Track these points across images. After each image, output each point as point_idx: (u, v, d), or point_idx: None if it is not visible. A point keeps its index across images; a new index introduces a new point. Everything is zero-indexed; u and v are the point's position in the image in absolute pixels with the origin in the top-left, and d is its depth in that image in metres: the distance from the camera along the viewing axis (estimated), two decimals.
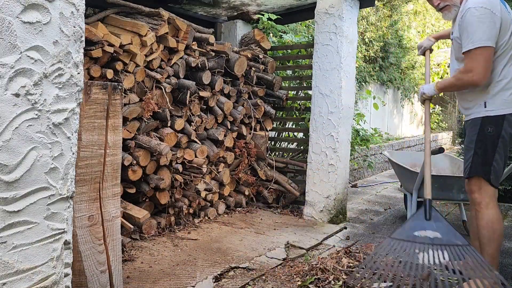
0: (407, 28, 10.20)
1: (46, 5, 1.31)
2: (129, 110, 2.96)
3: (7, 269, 1.28)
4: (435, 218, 2.16)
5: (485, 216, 2.22)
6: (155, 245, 2.97)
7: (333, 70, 3.70)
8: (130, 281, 2.36)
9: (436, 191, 3.37)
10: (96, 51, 2.74)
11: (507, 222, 4.06)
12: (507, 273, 2.70)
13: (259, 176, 4.17)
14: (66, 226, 1.45)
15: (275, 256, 2.83)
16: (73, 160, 1.45)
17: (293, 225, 3.64)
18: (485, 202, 2.25)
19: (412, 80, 10.27)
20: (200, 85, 3.55)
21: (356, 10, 3.81)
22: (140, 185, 3.11)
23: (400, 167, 3.71)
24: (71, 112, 1.43)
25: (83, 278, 1.87)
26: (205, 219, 3.66)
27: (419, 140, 9.80)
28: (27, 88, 1.28)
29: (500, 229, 2.23)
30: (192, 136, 3.42)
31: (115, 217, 2.01)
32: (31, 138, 1.31)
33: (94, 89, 1.86)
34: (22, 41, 1.26)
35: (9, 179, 1.26)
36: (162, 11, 3.24)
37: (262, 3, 4.17)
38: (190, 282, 2.37)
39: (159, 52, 3.19)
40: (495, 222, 2.21)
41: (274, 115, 4.28)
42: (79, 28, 1.43)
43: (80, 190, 1.85)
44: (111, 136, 1.96)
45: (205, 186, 3.60)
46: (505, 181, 4.70)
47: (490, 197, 2.26)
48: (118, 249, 2.02)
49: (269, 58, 4.27)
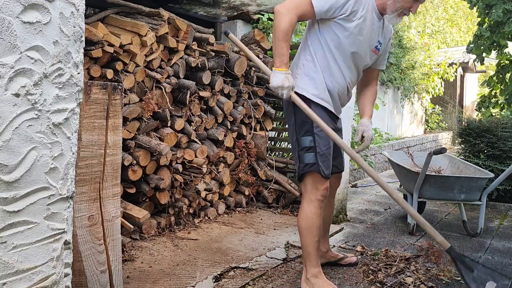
0: (407, 28, 10.20)
1: (46, 5, 1.31)
2: (129, 110, 2.96)
3: (7, 269, 1.28)
4: (475, 266, 2.03)
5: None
6: (155, 245, 2.97)
7: None
8: (130, 281, 2.36)
9: (436, 191, 3.37)
10: (96, 51, 2.74)
11: (507, 222, 4.06)
12: (508, 273, 2.70)
13: (259, 176, 4.17)
14: (66, 226, 1.45)
15: (275, 256, 2.83)
16: (73, 160, 1.45)
17: (293, 225, 3.64)
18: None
19: (412, 80, 10.27)
20: (200, 85, 3.55)
21: None
22: (140, 185, 3.11)
23: (400, 167, 3.71)
24: (71, 112, 1.43)
25: (83, 278, 1.86)
26: (205, 219, 3.66)
27: (419, 140, 9.80)
28: (27, 88, 1.28)
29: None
30: (192, 136, 3.42)
31: (115, 217, 2.01)
32: (31, 138, 1.31)
33: (94, 89, 1.86)
34: (22, 41, 1.26)
35: (9, 179, 1.26)
36: (162, 11, 3.24)
37: (262, 3, 4.17)
38: (190, 282, 2.37)
39: (159, 52, 3.19)
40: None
41: (274, 115, 4.28)
42: (79, 28, 1.43)
43: (80, 190, 1.85)
44: (111, 136, 1.96)
45: (205, 186, 3.60)
46: (505, 181, 4.70)
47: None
48: (118, 249, 2.02)
49: (269, 58, 4.26)
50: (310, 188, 2.28)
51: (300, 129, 2.27)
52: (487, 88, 6.45)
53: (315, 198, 2.27)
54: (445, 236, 3.49)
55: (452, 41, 15.72)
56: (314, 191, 2.27)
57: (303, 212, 2.29)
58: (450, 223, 3.95)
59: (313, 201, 2.27)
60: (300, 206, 2.33)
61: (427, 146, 10.23)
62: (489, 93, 6.38)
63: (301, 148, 2.27)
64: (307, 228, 2.27)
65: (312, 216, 2.26)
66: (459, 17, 15.94)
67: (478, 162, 4.78)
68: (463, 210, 3.68)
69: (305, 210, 2.28)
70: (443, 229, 3.72)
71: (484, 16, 5.26)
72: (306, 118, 2.22)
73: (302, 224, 2.29)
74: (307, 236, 2.27)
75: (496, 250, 3.16)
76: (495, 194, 4.81)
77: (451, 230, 3.70)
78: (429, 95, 11.42)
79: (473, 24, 14.99)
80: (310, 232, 2.26)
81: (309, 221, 2.26)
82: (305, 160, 2.26)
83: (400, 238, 3.38)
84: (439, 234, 2.05)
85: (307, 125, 2.24)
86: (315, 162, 2.24)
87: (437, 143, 11.02)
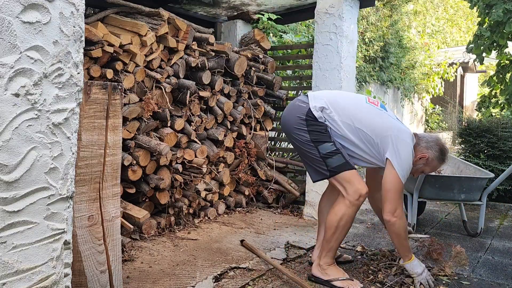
0: (407, 28, 10.20)
1: (46, 5, 1.31)
2: (129, 110, 2.96)
3: (7, 269, 1.28)
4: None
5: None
6: (155, 245, 2.97)
7: (333, 70, 3.69)
8: (130, 281, 2.36)
9: (437, 191, 3.37)
10: (96, 51, 2.74)
11: (507, 222, 4.06)
12: (508, 273, 2.70)
13: (259, 176, 4.17)
14: (66, 226, 1.45)
15: (275, 256, 2.83)
16: (73, 160, 1.45)
17: (293, 225, 3.64)
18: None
19: (412, 80, 10.27)
20: (200, 85, 3.55)
21: (356, 10, 3.81)
22: (140, 185, 3.11)
23: None
24: (71, 112, 1.42)
25: (83, 278, 1.86)
26: (205, 219, 3.66)
27: None
28: (27, 88, 1.28)
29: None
30: (192, 136, 3.42)
31: (115, 217, 2.01)
32: (31, 138, 1.31)
33: (94, 89, 1.86)
34: (22, 41, 1.26)
35: (9, 179, 1.26)
36: (162, 11, 3.23)
37: (262, 3, 4.16)
38: (190, 282, 2.37)
39: (159, 52, 3.19)
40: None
41: (274, 115, 4.28)
42: (79, 28, 1.43)
43: (80, 190, 1.85)
44: (111, 136, 1.96)
45: (205, 186, 3.60)
46: (505, 181, 4.70)
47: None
48: (118, 249, 2.02)
49: (269, 58, 4.27)
50: (352, 191, 2.37)
51: (317, 139, 2.39)
52: (487, 88, 6.45)
53: (356, 203, 2.38)
54: (445, 236, 3.49)
55: (452, 41, 15.71)
56: (355, 194, 2.37)
57: (341, 212, 2.39)
58: (450, 223, 3.95)
59: (353, 205, 2.38)
60: (338, 205, 2.42)
61: None
62: (489, 93, 6.38)
63: (324, 154, 2.38)
64: (340, 227, 2.40)
65: (348, 219, 2.40)
66: (459, 17, 15.93)
67: (478, 162, 4.78)
68: (463, 210, 3.67)
69: (344, 211, 2.38)
70: (443, 229, 3.72)
71: (484, 16, 5.26)
72: (322, 131, 2.39)
73: (337, 221, 2.40)
74: (338, 234, 2.42)
75: (496, 250, 3.16)
76: (495, 194, 4.81)
77: (451, 230, 3.70)
78: (429, 95, 11.43)
79: (473, 24, 14.99)
80: (342, 231, 2.41)
81: (345, 221, 2.39)
82: (333, 164, 2.37)
83: None
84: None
85: (325, 136, 2.39)
86: (344, 161, 2.37)
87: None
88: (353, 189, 2.36)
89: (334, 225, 2.40)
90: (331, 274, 2.42)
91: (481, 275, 2.66)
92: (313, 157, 2.42)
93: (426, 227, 3.77)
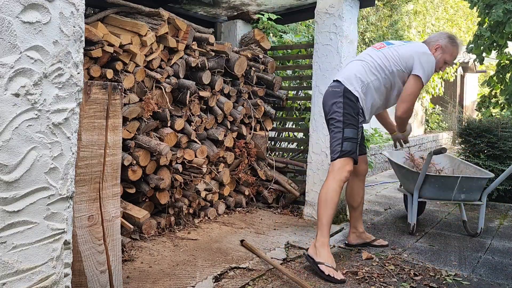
0: (407, 28, 10.20)
1: (46, 5, 1.31)
2: (129, 110, 2.96)
3: (7, 269, 1.28)
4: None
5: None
6: (155, 245, 2.97)
7: (333, 70, 3.69)
8: (130, 281, 2.36)
9: (436, 191, 3.37)
10: (96, 51, 2.74)
11: (507, 222, 4.06)
12: (508, 273, 2.70)
13: (259, 176, 4.17)
14: (66, 226, 1.45)
15: (275, 256, 2.83)
16: (73, 160, 1.45)
17: (293, 225, 3.64)
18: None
19: None
20: (200, 85, 3.55)
21: (356, 10, 3.81)
22: (140, 185, 3.11)
23: (400, 166, 3.71)
24: (71, 112, 1.42)
25: (83, 278, 1.86)
26: (205, 219, 3.66)
27: (419, 140, 9.80)
28: (27, 88, 1.28)
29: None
30: (192, 136, 3.42)
31: (115, 217, 2.01)
32: (31, 138, 1.31)
33: (94, 89, 1.86)
34: (22, 41, 1.26)
35: (9, 179, 1.26)
36: (162, 11, 3.23)
37: (262, 3, 4.17)
38: (190, 282, 2.37)
39: (159, 52, 3.19)
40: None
41: (274, 115, 4.28)
42: (79, 28, 1.43)
43: (80, 190, 1.85)
44: (111, 136, 1.96)
45: (205, 186, 3.60)
46: (505, 181, 4.70)
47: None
48: (118, 249, 2.02)
49: (269, 58, 4.26)
50: (338, 168, 2.65)
51: (347, 120, 2.69)
52: (487, 88, 6.45)
53: (339, 178, 2.63)
54: (445, 236, 3.49)
55: None
56: (341, 171, 2.64)
57: (326, 186, 2.64)
58: (450, 223, 3.95)
59: (337, 180, 2.62)
60: (325, 182, 2.67)
61: (427, 146, 10.23)
62: (489, 93, 6.38)
63: (345, 137, 2.67)
64: (325, 200, 2.60)
65: (332, 192, 2.61)
66: (459, 17, 15.93)
67: (478, 162, 4.78)
68: (463, 210, 3.67)
69: (328, 185, 2.64)
70: (443, 229, 3.72)
71: (484, 16, 5.26)
72: (352, 113, 2.69)
73: (322, 196, 2.63)
74: (324, 208, 2.60)
75: (496, 250, 3.16)
76: (495, 194, 4.81)
77: (451, 230, 3.70)
78: (429, 95, 11.42)
79: (473, 24, 14.98)
80: (327, 204, 2.60)
81: (329, 195, 2.61)
82: (344, 148, 2.66)
83: (400, 238, 3.38)
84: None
85: (354, 120, 2.70)
86: (353, 151, 2.67)
87: (437, 143, 11.02)
88: (339, 165, 2.65)
89: (322, 199, 2.61)
90: (321, 257, 2.53)
91: (481, 275, 2.66)
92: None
93: (426, 227, 3.77)
